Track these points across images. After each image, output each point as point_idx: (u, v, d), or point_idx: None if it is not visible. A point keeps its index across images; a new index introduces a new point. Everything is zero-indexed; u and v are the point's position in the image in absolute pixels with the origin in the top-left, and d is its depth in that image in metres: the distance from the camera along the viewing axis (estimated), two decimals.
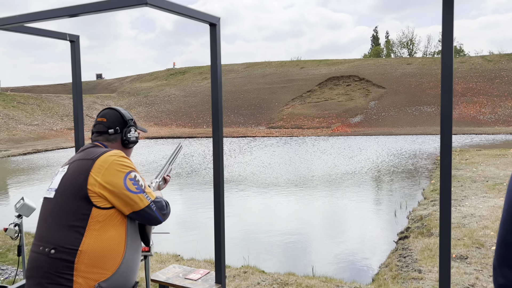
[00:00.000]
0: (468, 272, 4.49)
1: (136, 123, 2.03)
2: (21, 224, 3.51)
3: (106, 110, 2.00)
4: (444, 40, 1.85)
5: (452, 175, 1.81)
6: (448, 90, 1.83)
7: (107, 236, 1.64)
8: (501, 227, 1.04)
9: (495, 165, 11.96)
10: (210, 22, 2.20)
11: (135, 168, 1.78)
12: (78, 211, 1.63)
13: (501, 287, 1.03)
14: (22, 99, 33.90)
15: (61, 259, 1.59)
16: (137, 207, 1.69)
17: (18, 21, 2.24)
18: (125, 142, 1.94)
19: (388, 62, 41.35)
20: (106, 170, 1.68)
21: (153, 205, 1.74)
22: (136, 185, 1.71)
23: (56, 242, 1.62)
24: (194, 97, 40.02)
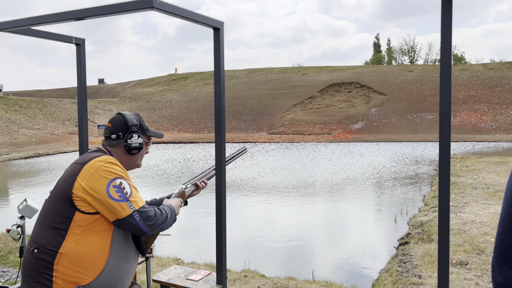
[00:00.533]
0: (468, 278, 4.50)
1: (145, 128, 2.00)
2: (24, 226, 3.54)
3: (115, 115, 2.00)
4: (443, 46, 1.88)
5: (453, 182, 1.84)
6: (446, 93, 1.86)
7: (89, 241, 1.64)
8: (499, 227, 1.05)
9: (496, 172, 11.96)
10: (214, 26, 2.23)
11: (123, 175, 1.74)
12: (62, 214, 1.65)
13: (499, 285, 1.04)
14: (24, 103, 34.02)
15: (42, 259, 1.62)
16: (119, 215, 1.65)
17: (25, 24, 2.28)
18: (127, 148, 1.91)
19: (390, 69, 41.46)
20: (91, 176, 1.67)
21: (136, 215, 1.68)
22: (120, 193, 1.67)
23: (39, 242, 1.66)
24: (195, 102, 40.13)
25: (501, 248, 1.03)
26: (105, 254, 1.66)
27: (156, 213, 1.75)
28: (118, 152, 1.91)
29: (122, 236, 1.73)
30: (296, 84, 40.16)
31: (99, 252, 1.65)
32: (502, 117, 30.31)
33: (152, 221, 1.71)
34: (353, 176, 13.19)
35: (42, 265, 1.62)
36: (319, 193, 10.86)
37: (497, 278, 1.04)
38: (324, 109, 35.19)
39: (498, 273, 1.04)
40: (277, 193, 10.91)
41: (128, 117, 1.95)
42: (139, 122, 1.97)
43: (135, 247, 1.80)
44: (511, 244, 1.01)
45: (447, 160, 1.87)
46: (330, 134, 30.42)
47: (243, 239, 7.03)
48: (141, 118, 2.02)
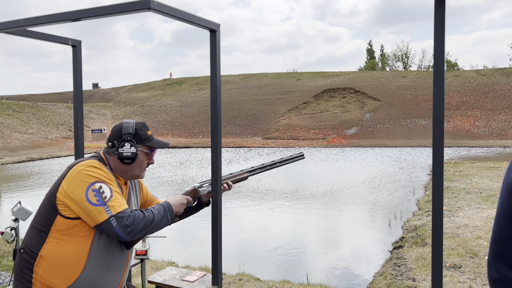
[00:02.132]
0: (461, 281, 4.52)
1: (144, 138, 1.92)
2: (18, 228, 3.52)
3: (118, 123, 1.99)
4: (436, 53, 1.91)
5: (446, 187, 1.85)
6: (439, 98, 1.89)
7: (67, 247, 1.64)
8: (496, 223, 1.06)
9: (488, 177, 12.05)
10: (210, 28, 2.25)
11: (104, 179, 1.69)
12: (45, 217, 1.68)
13: (495, 282, 1.05)
14: (18, 108, 33.81)
15: (24, 260, 1.66)
16: (96, 220, 1.62)
17: (22, 25, 2.29)
18: (118, 157, 1.84)
19: (383, 75, 41.73)
20: (73, 179, 1.67)
21: (113, 220, 1.62)
22: (98, 197, 1.63)
23: (25, 242, 1.70)
24: (190, 107, 40.11)
25: (497, 244, 1.04)
26: (82, 261, 1.65)
27: (136, 218, 1.65)
28: (114, 161, 1.87)
29: (104, 244, 1.69)
30: (291, 90, 40.28)
31: (77, 259, 1.64)
32: (494, 123, 30.56)
33: (131, 227, 1.63)
34: (347, 181, 13.23)
35: (24, 266, 1.66)
36: (313, 197, 10.88)
37: (493, 274, 1.05)
38: (319, 114, 35.30)
39: (494, 269, 1.05)
40: (271, 198, 10.91)
41: (124, 125, 1.90)
42: (135, 130, 1.89)
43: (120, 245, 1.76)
44: (507, 240, 1.01)
45: (440, 165, 1.90)
46: (325, 139, 30.51)
47: (238, 243, 7.02)
48: (143, 127, 1.95)
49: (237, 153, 24.10)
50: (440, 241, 1.90)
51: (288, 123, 34.60)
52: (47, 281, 1.62)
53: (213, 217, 2.36)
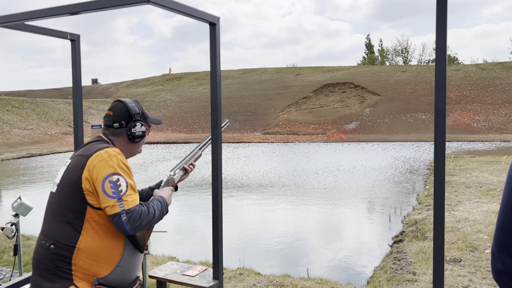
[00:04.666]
0: (462, 275, 4.53)
1: (146, 116, 1.98)
2: (18, 223, 3.52)
3: (115, 102, 1.97)
4: (438, 46, 1.90)
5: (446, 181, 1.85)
6: (441, 92, 1.88)
7: (105, 236, 1.67)
8: (501, 214, 1.06)
9: (488, 171, 12.05)
10: (210, 22, 2.24)
11: (121, 171, 1.70)
12: (75, 209, 1.66)
13: (499, 272, 1.05)
14: (17, 103, 33.76)
15: (59, 254, 1.63)
16: (108, 211, 1.65)
17: (20, 19, 2.27)
18: (130, 137, 1.91)
19: (383, 69, 41.65)
20: (94, 169, 1.67)
21: (124, 215, 1.64)
22: (114, 189, 1.65)
23: (55, 238, 1.66)
24: (189, 102, 40.06)
25: (502, 235, 1.04)
26: (120, 246, 1.71)
27: (142, 214, 1.70)
28: (120, 141, 1.90)
29: None
30: (291, 85, 40.21)
31: (116, 246, 1.69)
32: (494, 117, 30.55)
33: (137, 223, 1.67)
34: (347, 176, 13.24)
35: (59, 260, 1.63)
36: (313, 192, 10.89)
37: (497, 265, 1.05)
38: (318, 109, 35.26)
39: (499, 260, 1.05)
40: (271, 192, 10.92)
41: (130, 105, 1.93)
42: (141, 110, 1.96)
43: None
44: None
45: (442, 157, 1.89)
46: (324, 134, 30.49)
47: (238, 238, 7.03)
48: (141, 105, 2.01)
49: (236, 148, 24.09)
50: (441, 235, 1.90)
51: (287, 118, 34.57)
52: (89, 271, 1.64)
53: (214, 212, 2.36)
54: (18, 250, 3.62)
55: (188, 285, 2.28)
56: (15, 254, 3.62)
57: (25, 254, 5.43)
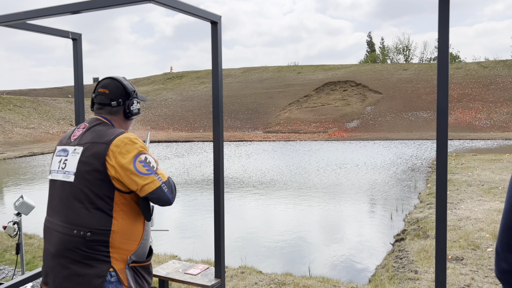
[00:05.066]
0: (463, 273, 4.53)
1: (137, 93, 2.00)
2: (20, 222, 3.52)
3: (108, 80, 1.94)
4: (440, 45, 1.89)
5: (448, 179, 1.86)
6: (444, 89, 1.87)
7: (133, 216, 1.77)
8: (506, 214, 1.06)
9: (490, 169, 12.03)
10: (211, 20, 2.23)
11: (145, 149, 1.79)
12: (104, 195, 1.71)
13: (503, 271, 1.06)
14: (19, 102, 33.80)
15: (97, 240, 1.70)
16: (148, 189, 1.72)
17: (21, 18, 2.27)
18: (128, 114, 1.93)
19: (385, 67, 41.57)
20: (119, 154, 1.71)
21: (164, 186, 1.76)
22: (147, 167, 1.74)
23: (90, 225, 1.70)
24: (191, 101, 40.05)
25: (507, 235, 1.04)
26: (142, 222, 1.81)
27: (174, 183, 1.85)
28: (118, 120, 1.92)
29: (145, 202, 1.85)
30: (292, 83, 40.17)
31: (139, 222, 1.80)
32: (496, 115, 30.48)
33: (175, 191, 1.82)
34: (348, 174, 13.23)
35: (98, 245, 1.70)
36: (315, 190, 10.88)
37: (502, 264, 1.05)
38: (320, 107, 35.23)
39: (503, 259, 1.05)
40: (272, 190, 10.92)
41: (125, 82, 1.94)
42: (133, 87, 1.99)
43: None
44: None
45: (444, 155, 1.89)
46: (326, 133, 30.47)
47: (240, 236, 7.03)
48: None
49: (238, 147, 24.09)
50: (444, 233, 1.89)
51: (289, 116, 34.55)
52: (122, 249, 1.74)
53: (216, 211, 2.36)
54: (20, 249, 3.62)
55: (190, 284, 2.28)
56: (17, 253, 3.63)
57: (27, 253, 5.44)
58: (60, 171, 1.82)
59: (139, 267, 1.82)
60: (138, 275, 1.81)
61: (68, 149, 1.84)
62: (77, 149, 1.81)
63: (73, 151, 1.81)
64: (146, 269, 1.87)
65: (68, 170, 1.79)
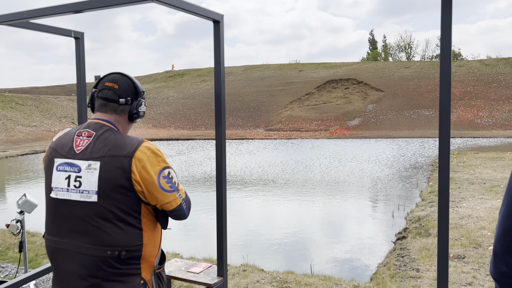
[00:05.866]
0: (465, 271, 4.53)
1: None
2: (23, 221, 3.54)
3: (117, 75, 1.75)
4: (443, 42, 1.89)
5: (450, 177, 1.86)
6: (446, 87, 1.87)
7: (154, 221, 1.73)
8: (505, 217, 1.06)
9: (492, 167, 12.02)
10: (213, 19, 2.24)
11: (168, 163, 1.70)
12: (132, 210, 1.62)
13: (502, 274, 1.06)
14: (20, 100, 33.87)
15: (132, 257, 1.64)
16: (169, 206, 1.66)
17: (24, 17, 2.27)
18: (134, 116, 1.76)
19: (386, 65, 41.50)
20: (142, 169, 1.60)
21: (184, 204, 1.71)
22: (170, 183, 1.65)
23: (125, 244, 1.61)
24: (192, 99, 40.06)
25: (507, 238, 1.04)
26: (160, 228, 1.77)
27: (189, 197, 1.80)
28: (122, 121, 1.75)
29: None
30: (293, 81, 40.14)
31: (159, 228, 1.77)
32: (498, 113, 30.42)
33: (191, 207, 1.78)
34: (350, 172, 13.23)
35: (132, 261, 1.64)
36: (316, 188, 10.89)
37: (501, 267, 1.06)
38: (321, 105, 35.20)
39: (503, 262, 1.05)
40: (274, 189, 10.93)
41: (135, 81, 1.78)
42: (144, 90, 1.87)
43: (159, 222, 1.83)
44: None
45: (447, 153, 1.89)
46: (327, 131, 30.45)
47: (242, 234, 7.05)
48: None
49: (239, 145, 24.09)
50: (446, 231, 1.90)
51: (290, 114, 34.54)
52: (151, 256, 1.71)
53: (218, 210, 2.36)
54: (23, 247, 3.64)
55: (193, 282, 2.29)
56: (20, 251, 3.65)
57: (30, 251, 5.47)
58: (73, 190, 1.63)
59: (161, 271, 1.82)
60: (160, 279, 1.80)
61: (79, 164, 1.63)
62: (92, 165, 1.62)
63: (88, 167, 1.62)
64: (164, 270, 1.87)
65: (87, 189, 1.61)
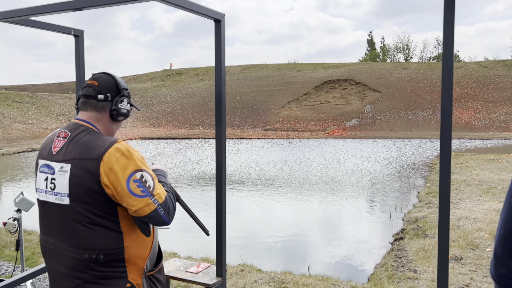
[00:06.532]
0: (463, 273, 4.54)
1: (131, 96, 1.80)
2: (20, 219, 3.52)
3: (100, 74, 1.73)
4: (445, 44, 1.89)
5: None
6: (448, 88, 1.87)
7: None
8: (506, 219, 1.05)
9: (489, 169, 12.05)
10: (215, 18, 2.23)
11: (142, 164, 1.59)
12: (108, 214, 1.56)
13: (503, 276, 1.06)
14: (17, 98, 33.73)
15: (112, 260, 1.58)
16: (142, 212, 1.54)
17: (24, 14, 2.26)
18: (114, 113, 1.68)
19: (384, 66, 41.57)
20: (110, 172, 1.52)
21: (161, 209, 1.58)
22: (142, 187, 1.54)
23: (101, 248, 1.56)
24: (190, 98, 40.01)
25: (508, 240, 1.04)
26: (150, 226, 1.68)
27: (172, 199, 1.68)
28: (103, 120, 1.69)
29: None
30: (291, 81, 40.15)
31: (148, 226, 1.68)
32: (495, 115, 30.52)
33: (172, 210, 1.65)
34: (347, 173, 13.24)
35: (114, 263, 1.59)
36: (314, 189, 10.89)
37: (501, 269, 1.05)
38: (319, 106, 35.23)
39: (503, 264, 1.05)
40: (272, 189, 10.92)
41: (118, 78, 1.73)
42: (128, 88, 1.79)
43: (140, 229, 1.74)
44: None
45: (448, 154, 1.89)
46: (325, 131, 30.48)
47: (239, 234, 7.04)
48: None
49: (237, 144, 24.08)
50: (446, 233, 1.90)
51: (288, 114, 34.55)
52: (138, 258, 1.63)
53: (218, 210, 2.36)
54: (20, 245, 3.62)
55: (192, 282, 2.28)
56: (17, 249, 3.62)
57: (26, 249, 5.44)
58: (49, 191, 1.61)
59: (155, 274, 1.73)
60: (154, 282, 1.72)
61: (54, 166, 1.61)
62: (64, 167, 1.58)
63: (60, 169, 1.59)
64: (160, 271, 1.78)
65: (60, 191, 1.58)
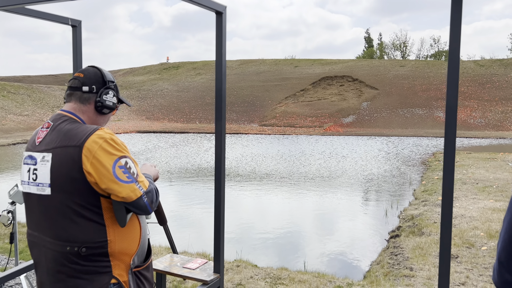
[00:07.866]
0: (458, 271, 4.54)
1: (118, 90, 1.78)
2: (15, 211, 3.47)
3: (87, 67, 1.74)
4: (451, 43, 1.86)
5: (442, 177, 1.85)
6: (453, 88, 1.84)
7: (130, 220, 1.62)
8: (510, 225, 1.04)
9: (485, 168, 12.09)
10: (216, 10, 2.18)
11: (125, 151, 1.57)
12: (90, 204, 1.53)
13: (507, 283, 1.04)
14: (13, 89, 33.46)
15: (94, 254, 1.54)
16: (128, 198, 1.52)
17: (20, 3, 2.20)
18: (98, 104, 1.67)
19: (382, 63, 41.57)
20: (94, 159, 1.49)
21: (145, 197, 1.56)
22: (127, 173, 1.53)
23: (83, 241, 1.53)
24: (187, 92, 39.86)
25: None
26: (136, 218, 1.65)
27: (156, 191, 1.66)
28: (87, 112, 1.67)
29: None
30: (289, 77, 40.08)
31: (134, 219, 1.64)
32: (491, 114, 30.63)
33: (156, 200, 1.63)
34: (343, 170, 13.24)
35: (96, 257, 1.55)
36: (310, 185, 10.89)
37: (505, 275, 1.05)
38: (316, 102, 35.20)
39: (508, 270, 1.04)
40: (268, 185, 10.91)
41: (104, 71, 1.72)
42: (114, 81, 1.77)
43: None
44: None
45: (452, 154, 1.86)
46: (322, 127, 30.48)
47: (235, 230, 7.02)
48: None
49: (233, 139, 24.03)
50: (448, 231, 1.87)
51: (285, 110, 34.50)
52: (124, 254, 1.59)
53: (216, 206, 2.33)
54: (14, 238, 3.57)
55: (189, 278, 2.26)
56: (11, 242, 3.58)
57: (20, 242, 5.39)
58: (31, 183, 1.59)
59: (142, 270, 1.69)
60: (141, 279, 1.68)
61: (36, 157, 1.59)
62: (45, 156, 1.56)
63: (42, 159, 1.57)
64: (147, 269, 1.75)
65: (41, 182, 1.56)
